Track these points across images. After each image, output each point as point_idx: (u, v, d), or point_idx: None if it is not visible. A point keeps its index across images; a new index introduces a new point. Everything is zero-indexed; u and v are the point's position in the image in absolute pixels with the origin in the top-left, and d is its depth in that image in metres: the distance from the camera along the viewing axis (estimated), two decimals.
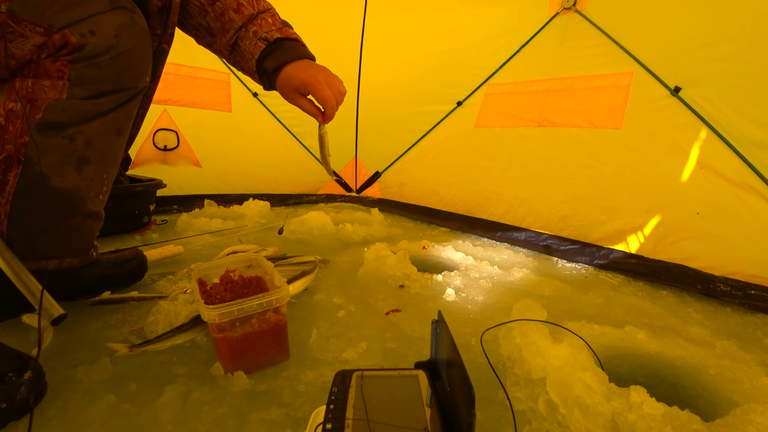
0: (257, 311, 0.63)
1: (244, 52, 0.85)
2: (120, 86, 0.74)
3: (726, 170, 1.12)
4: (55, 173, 0.70)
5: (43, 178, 0.69)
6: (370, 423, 0.36)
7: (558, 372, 0.59)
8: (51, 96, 0.67)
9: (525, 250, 1.48)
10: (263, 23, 0.86)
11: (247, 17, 0.86)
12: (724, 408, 0.60)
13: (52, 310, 0.65)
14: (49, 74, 0.66)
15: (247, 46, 0.85)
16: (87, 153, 0.73)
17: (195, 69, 1.97)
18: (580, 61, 1.50)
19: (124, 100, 0.77)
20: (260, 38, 0.84)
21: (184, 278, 1.04)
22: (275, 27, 0.86)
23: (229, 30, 0.86)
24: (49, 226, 0.73)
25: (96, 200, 0.80)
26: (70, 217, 0.76)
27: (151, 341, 0.70)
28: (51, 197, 0.71)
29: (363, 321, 0.87)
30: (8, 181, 0.66)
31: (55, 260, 0.77)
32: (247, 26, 0.86)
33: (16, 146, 0.66)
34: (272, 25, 0.86)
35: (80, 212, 0.77)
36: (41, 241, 0.73)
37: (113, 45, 0.70)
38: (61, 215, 0.74)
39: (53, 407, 0.58)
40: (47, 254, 0.75)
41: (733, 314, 0.99)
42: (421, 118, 2.08)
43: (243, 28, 0.86)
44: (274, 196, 2.16)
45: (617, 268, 1.25)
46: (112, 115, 0.75)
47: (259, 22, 0.86)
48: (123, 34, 0.71)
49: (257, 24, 0.85)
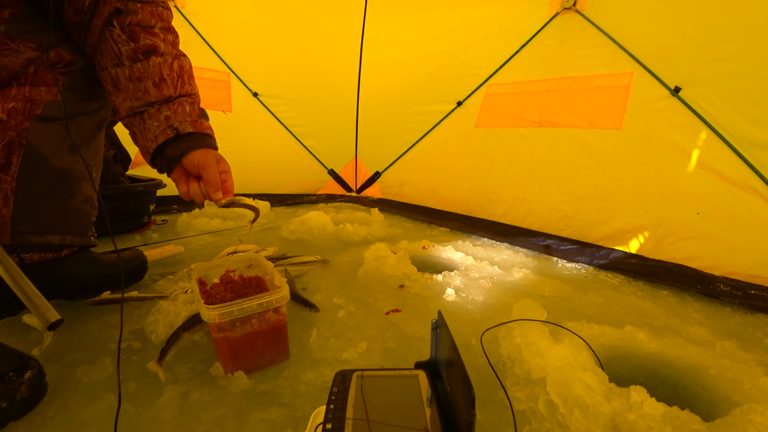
0: (257, 311, 0.63)
1: (148, 130, 0.78)
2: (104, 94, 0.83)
3: (726, 170, 1.12)
4: (54, 155, 0.76)
5: (44, 159, 0.75)
6: (370, 423, 0.36)
7: (558, 372, 0.59)
8: (47, 98, 0.74)
9: (525, 250, 1.48)
10: (179, 110, 0.80)
11: (165, 97, 0.80)
12: (724, 408, 0.60)
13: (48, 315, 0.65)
14: (46, 82, 0.74)
15: (152, 126, 0.78)
16: (77, 140, 0.81)
17: (195, 69, 1.96)
18: (580, 61, 1.50)
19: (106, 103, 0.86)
20: (170, 126, 0.78)
21: (184, 278, 1.04)
22: (190, 118, 0.80)
23: (140, 99, 0.78)
24: (51, 203, 0.78)
25: (88, 185, 0.84)
26: (70, 198, 0.81)
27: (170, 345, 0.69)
28: (52, 175, 0.77)
29: (363, 321, 0.87)
30: (12, 162, 0.72)
31: (59, 235, 0.79)
32: (161, 106, 0.79)
33: (17, 132, 0.72)
34: (188, 115, 0.80)
35: (77, 194, 0.82)
36: (45, 216, 0.77)
37: None
38: (61, 193, 0.79)
39: (53, 407, 0.58)
40: (52, 229, 0.78)
41: (733, 314, 0.99)
42: (421, 118, 2.08)
43: (155, 105, 0.79)
44: (274, 196, 2.16)
45: (617, 268, 1.25)
46: (98, 114, 0.85)
47: (175, 107, 0.80)
48: None
49: (172, 109, 0.79)
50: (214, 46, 2.02)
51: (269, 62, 2.16)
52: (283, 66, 2.19)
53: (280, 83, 2.18)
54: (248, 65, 2.11)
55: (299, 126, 2.26)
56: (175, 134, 0.77)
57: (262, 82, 2.15)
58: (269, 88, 2.17)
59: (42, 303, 0.65)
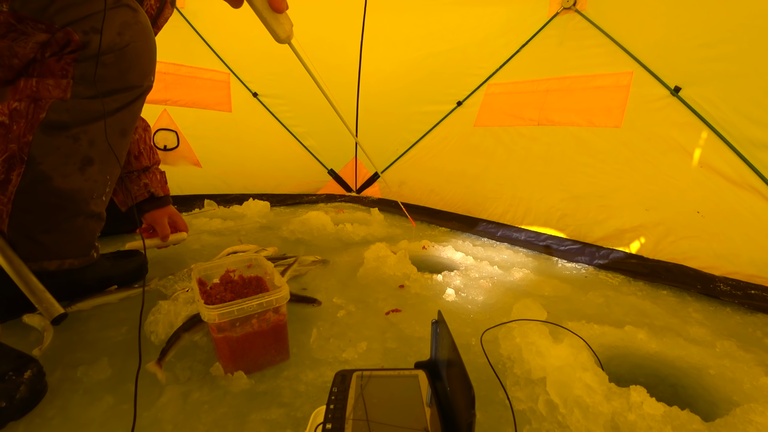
0: (257, 311, 0.63)
1: (129, 190, 1.04)
2: (125, 85, 0.74)
3: (726, 170, 1.12)
4: (58, 174, 0.70)
5: (46, 179, 0.68)
6: (370, 423, 0.36)
7: (558, 372, 0.59)
8: (55, 95, 0.66)
9: (525, 249, 1.48)
10: (153, 178, 1.07)
11: (143, 167, 1.06)
12: (724, 408, 0.60)
13: (52, 310, 0.65)
14: (53, 73, 0.66)
15: (133, 189, 1.04)
16: (91, 153, 0.73)
17: (195, 69, 1.97)
18: (580, 61, 1.50)
19: (130, 100, 0.76)
20: (148, 191, 1.06)
21: (184, 278, 1.04)
22: (161, 184, 1.10)
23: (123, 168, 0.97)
24: (50, 227, 0.73)
25: (99, 201, 0.80)
26: (72, 218, 0.76)
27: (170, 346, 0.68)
28: (53, 198, 0.71)
29: (363, 321, 0.87)
30: (11, 180, 0.66)
31: (57, 261, 0.76)
32: (140, 174, 1.05)
33: (19, 145, 0.65)
34: (160, 182, 1.09)
35: (82, 213, 0.77)
36: (42, 242, 0.73)
37: (117, 43, 0.69)
38: (62, 216, 0.74)
39: (53, 407, 0.58)
40: (48, 255, 0.75)
41: (733, 314, 0.99)
42: (420, 118, 2.07)
43: (135, 173, 1.05)
44: (274, 196, 2.16)
45: (617, 267, 1.25)
46: (118, 115, 0.75)
47: (150, 176, 1.07)
48: (126, 32, 0.71)
49: (149, 177, 1.06)
50: (214, 46, 2.02)
51: (269, 62, 2.15)
52: (283, 66, 2.18)
53: (280, 83, 2.18)
54: (248, 65, 2.11)
55: (299, 126, 2.26)
56: (150, 196, 1.07)
57: (262, 82, 2.15)
58: (269, 88, 2.17)
59: (46, 297, 0.64)
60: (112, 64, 0.70)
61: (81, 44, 0.66)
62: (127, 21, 0.71)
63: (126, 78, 0.74)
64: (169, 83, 1.89)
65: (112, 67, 0.70)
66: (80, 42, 0.66)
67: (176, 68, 1.92)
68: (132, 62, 0.74)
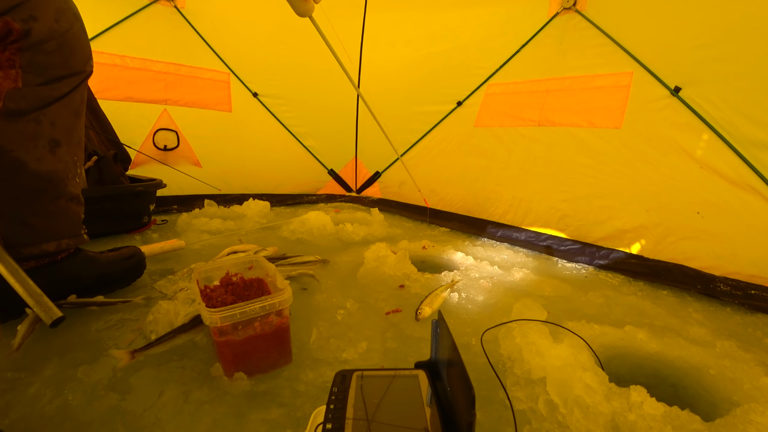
0: (260, 314, 0.63)
1: None
2: (70, 70, 0.76)
3: (726, 170, 1.12)
4: (32, 157, 0.72)
5: (21, 164, 0.70)
6: (370, 423, 0.36)
7: (558, 372, 0.59)
8: (6, 86, 0.67)
9: (525, 250, 1.48)
10: None
11: None
12: (724, 408, 0.60)
13: (51, 313, 0.64)
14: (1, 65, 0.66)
15: None
16: (55, 134, 0.75)
17: (195, 69, 1.97)
18: (580, 61, 1.50)
19: (77, 84, 0.79)
20: None
21: (184, 278, 1.04)
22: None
23: None
24: (37, 209, 0.75)
25: (74, 182, 0.82)
26: (55, 200, 0.78)
27: (152, 344, 0.69)
28: (32, 181, 0.73)
29: (363, 321, 0.87)
30: None
31: (54, 242, 0.78)
32: None
33: None
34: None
35: (63, 195, 0.79)
36: (34, 224, 0.74)
37: (56, 29, 0.70)
38: (47, 198, 0.76)
39: (53, 407, 0.58)
40: (44, 237, 0.77)
41: (733, 314, 0.99)
42: (421, 118, 2.08)
43: None
44: (274, 196, 2.16)
45: (617, 268, 1.25)
46: (69, 97, 0.77)
47: None
48: (62, 18, 0.72)
49: None
50: (214, 46, 2.02)
51: (269, 62, 2.16)
52: (283, 66, 2.19)
53: (280, 83, 2.18)
54: (248, 65, 2.11)
55: (299, 126, 2.26)
56: None
57: (262, 82, 2.15)
58: (269, 88, 2.17)
59: (43, 301, 0.64)
60: (55, 52, 0.71)
61: (22, 33, 0.66)
62: (60, 7, 0.72)
63: (70, 64, 0.75)
64: (169, 83, 1.89)
65: (55, 54, 0.71)
66: (21, 30, 0.66)
67: (176, 68, 1.92)
68: (73, 48, 0.75)
